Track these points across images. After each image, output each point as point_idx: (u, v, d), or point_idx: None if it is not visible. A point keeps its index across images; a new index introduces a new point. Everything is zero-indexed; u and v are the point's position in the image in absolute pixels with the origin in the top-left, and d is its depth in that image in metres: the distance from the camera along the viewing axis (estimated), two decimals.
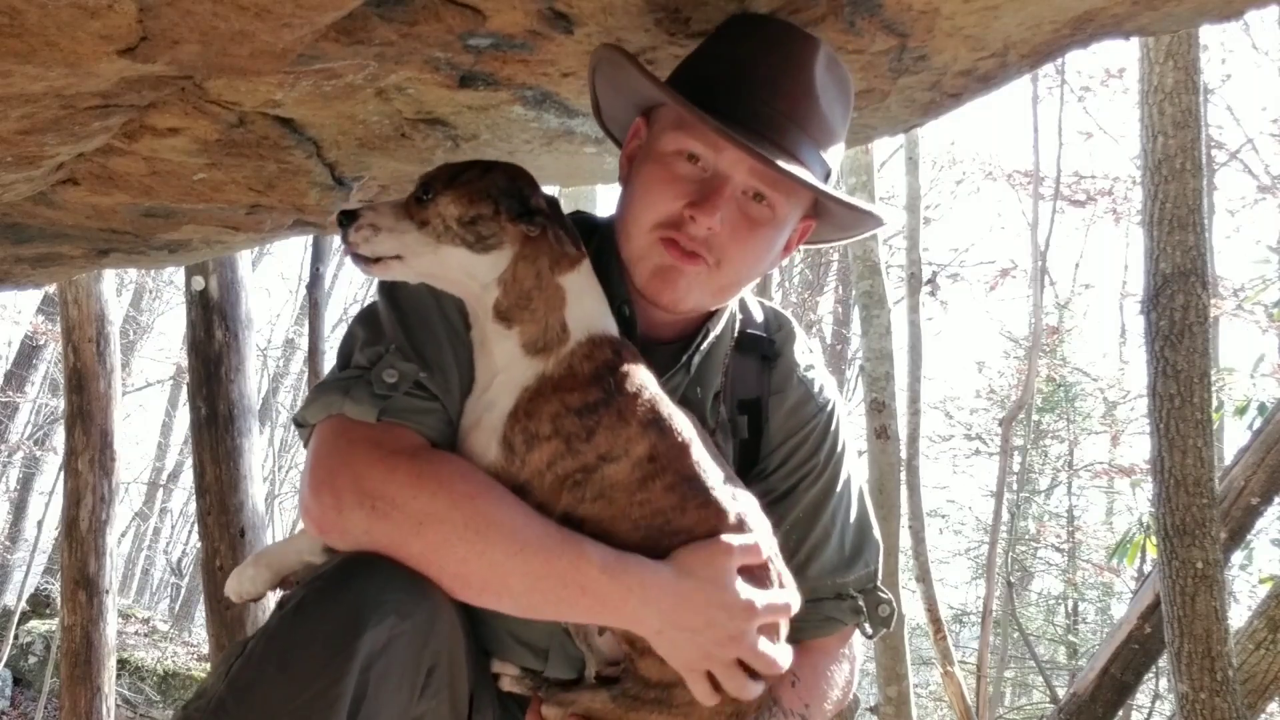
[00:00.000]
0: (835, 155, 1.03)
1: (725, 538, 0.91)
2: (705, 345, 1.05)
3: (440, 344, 0.96)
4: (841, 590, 1.08)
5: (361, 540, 0.86)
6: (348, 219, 0.91)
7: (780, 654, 0.93)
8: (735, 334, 1.09)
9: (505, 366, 0.93)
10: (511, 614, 0.92)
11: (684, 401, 1.03)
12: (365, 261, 0.91)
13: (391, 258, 0.91)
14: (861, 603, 1.09)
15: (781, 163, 0.92)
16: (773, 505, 1.06)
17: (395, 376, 0.92)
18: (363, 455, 0.89)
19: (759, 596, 0.91)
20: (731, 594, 0.90)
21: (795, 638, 1.06)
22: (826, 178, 1.01)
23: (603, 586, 0.87)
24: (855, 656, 1.13)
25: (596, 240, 1.08)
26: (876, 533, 1.15)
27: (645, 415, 0.92)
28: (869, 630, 1.11)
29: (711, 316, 1.05)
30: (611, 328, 0.96)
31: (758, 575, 0.93)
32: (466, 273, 0.93)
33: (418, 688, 0.85)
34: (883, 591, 1.11)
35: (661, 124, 1.00)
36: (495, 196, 0.92)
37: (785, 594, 0.95)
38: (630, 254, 1.00)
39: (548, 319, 0.93)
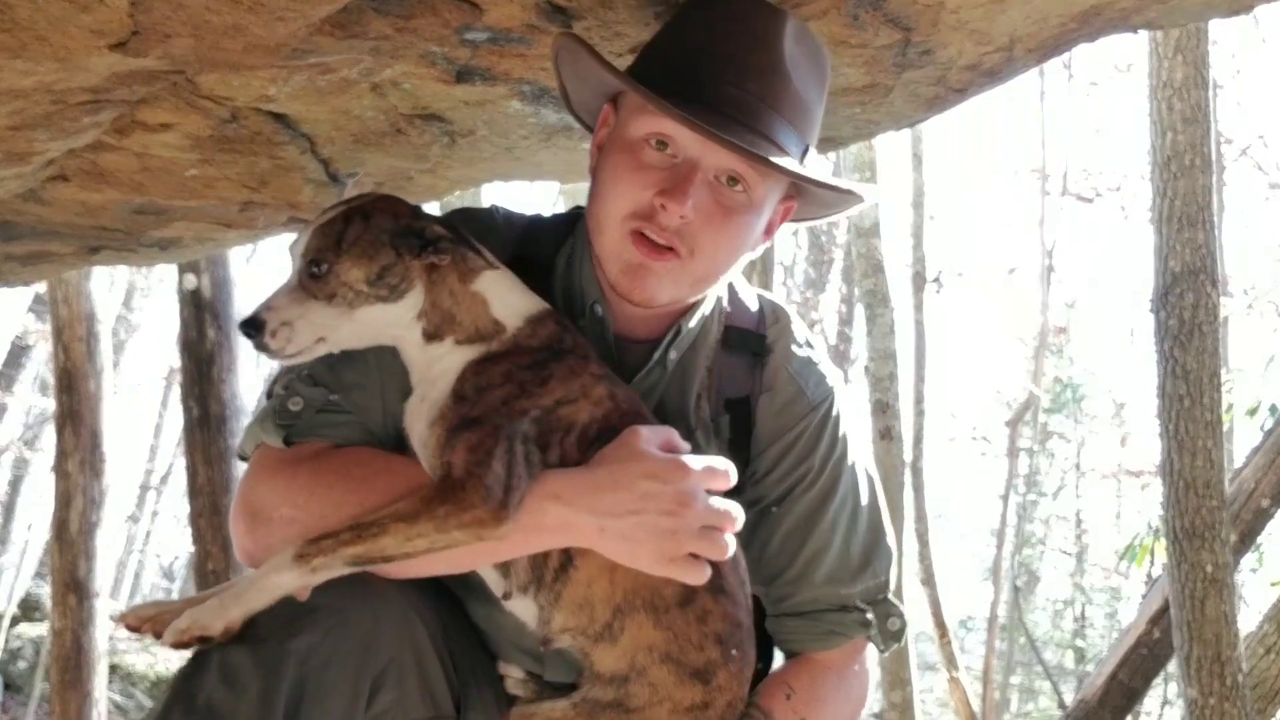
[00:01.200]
0: (812, 131, 1.00)
1: (634, 426, 0.89)
2: (679, 340, 1.01)
3: (366, 364, 0.96)
4: (847, 602, 1.03)
5: None
6: (254, 328, 0.87)
7: (733, 506, 0.88)
8: (721, 329, 1.05)
9: (443, 355, 0.93)
10: (457, 572, 0.91)
11: (661, 402, 1.01)
12: (289, 357, 0.89)
13: (315, 343, 0.90)
14: (870, 615, 1.03)
15: (751, 145, 0.89)
16: (769, 510, 1.02)
17: (300, 404, 0.94)
18: (266, 475, 0.92)
19: (685, 456, 0.88)
20: (654, 460, 0.86)
21: (796, 650, 1.03)
22: (804, 155, 0.97)
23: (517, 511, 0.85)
24: (866, 672, 1.07)
25: (571, 240, 1.05)
26: (890, 540, 1.07)
27: (598, 369, 0.93)
28: (880, 645, 1.04)
29: (686, 312, 1.01)
30: (542, 304, 0.95)
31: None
32: (386, 324, 0.92)
33: (363, 692, 0.85)
34: (894, 603, 1.05)
35: (628, 110, 0.96)
36: (391, 242, 0.90)
37: (715, 458, 0.90)
38: (602, 249, 0.97)
39: (476, 323, 0.93)
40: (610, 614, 0.90)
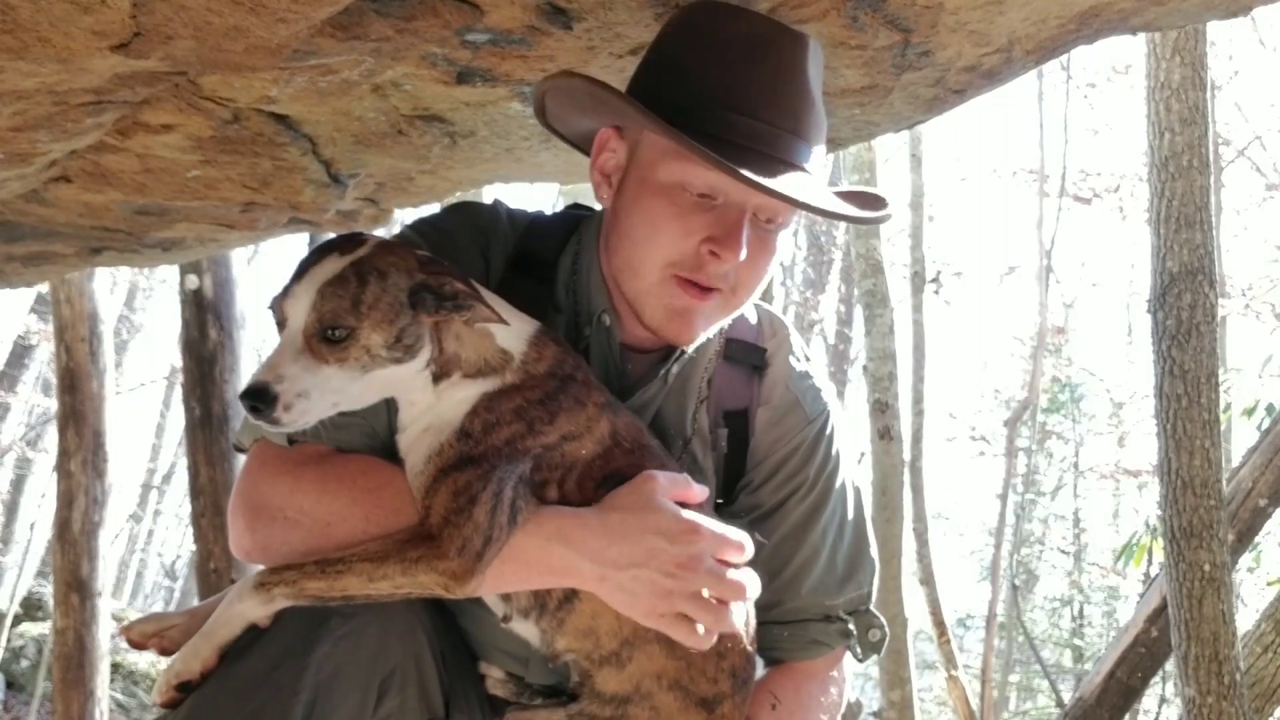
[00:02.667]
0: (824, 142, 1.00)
1: (650, 472, 0.88)
2: (682, 358, 1.00)
3: None
4: (830, 612, 1.04)
5: (283, 553, 0.87)
6: (263, 401, 0.79)
7: (747, 579, 0.86)
8: (721, 341, 1.05)
9: (452, 389, 0.89)
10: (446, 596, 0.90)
11: (659, 414, 1.00)
12: (297, 427, 0.82)
13: (330, 409, 0.84)
14: (851, 625, 1.04)
15: (798, 188, 0.87)
16: (761, 520, 1.02)
17: None
18: (270, 473, 0.90)
19: (702, 519, 0.86)
20: (668, 516, 0.85)
21: (779, 659, 1.03)
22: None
23: (519, 547, 0.84)
24: (844, 680, 1.08)
25: (575, 243, 1.04)
26: (873, 552, 1.09)
27: (599, 396, 0.92)
28: (859, 654, 1.06)
29: None
30: (534, 322, 0.93)
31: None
32: (395, 382, 0.87)
33: (372, 694, 0.85)
34: (875, 614, 1.07)
35: (654, 149, 0.93)
36: (408, 301, 0.84)
37: (733, 530, 0.88)
38: (638, 292, 0.94)
39: (484, 356, 0.89)
40: (618, 645, 0.89)
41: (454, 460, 0.85)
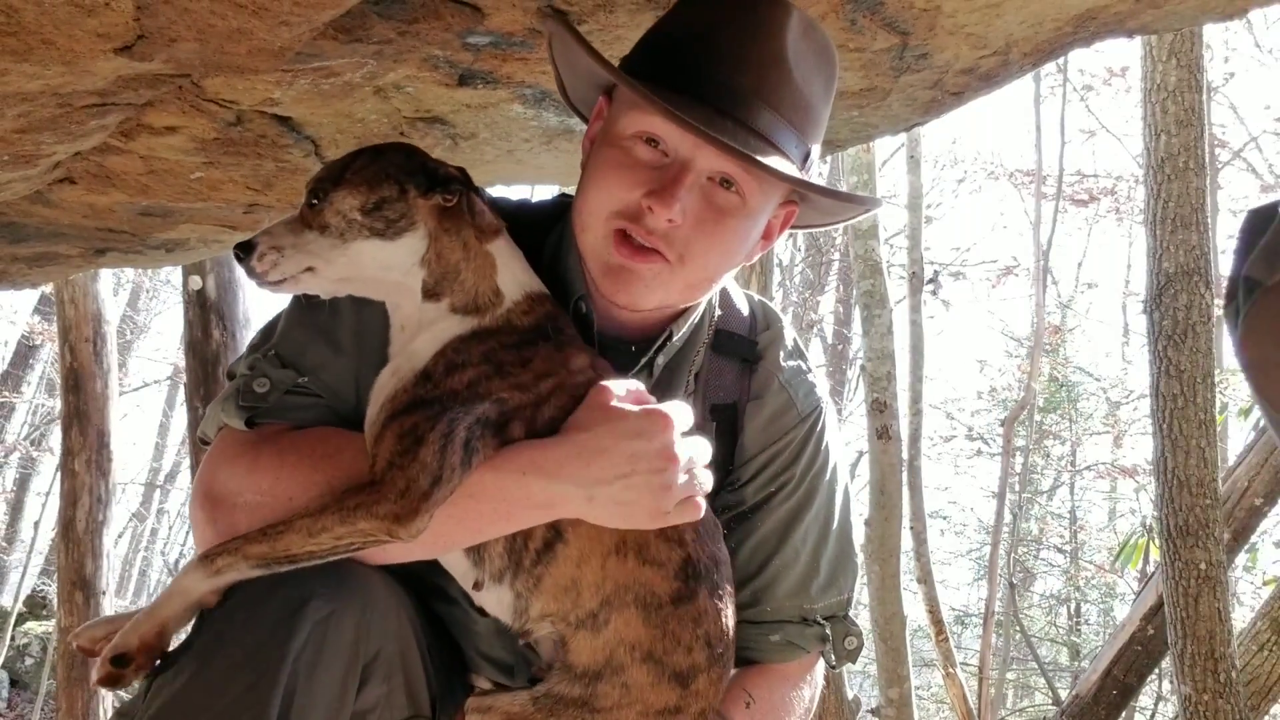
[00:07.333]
0: (814, 132, 0.93)
1: (600, 383, 0.86)
2: (668, 347, 0.97)
3: (339, 346, 0.92)
4: (808, 615, 1.01)
5: None
6: (245, 250, 0.85)
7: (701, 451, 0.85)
8: (711, 332, 1.00)
9: (433, 322, 0.87)
10: (428, 557, 0.88)
11: None
12: (275, 285, 0.86)
13: (303, 272, 0.86)
14: (828, 631, 1.01)
15: (743, 145, 0.83)
16: (743, 518, 0.99)
17: (266, 386, 0.90)
18: (228, 460, 0.88)
19: (663, 406, 0.84)
20: (635, 417, 0.83)
21: (754, 659, 1.01)
22: (805, 158, 0.92)
23: (493, 485, 0.81)
24: (817, 684, 1.06)
25: (559, 229, 1.01)
26: (857, 558, 1.06)
27: (583, 359, 0.89)
28: (832, 661, 1.03)
29: (678, 316, 0.97)
30: (543, 287, 0.91)
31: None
32: (383, 265, 0.86)
33: (354, 679, 0.82)
34: (853, 622, 1.04)
35: (619, 104, 0.90)
36: (396, 176, 0.87)
37: (681, 405, 0.86)
38: (585, 246, 0.91)
39: (478, 287, 0.88)
40: (598, 604, 0.86)
41: (405, 404, 0.82)
